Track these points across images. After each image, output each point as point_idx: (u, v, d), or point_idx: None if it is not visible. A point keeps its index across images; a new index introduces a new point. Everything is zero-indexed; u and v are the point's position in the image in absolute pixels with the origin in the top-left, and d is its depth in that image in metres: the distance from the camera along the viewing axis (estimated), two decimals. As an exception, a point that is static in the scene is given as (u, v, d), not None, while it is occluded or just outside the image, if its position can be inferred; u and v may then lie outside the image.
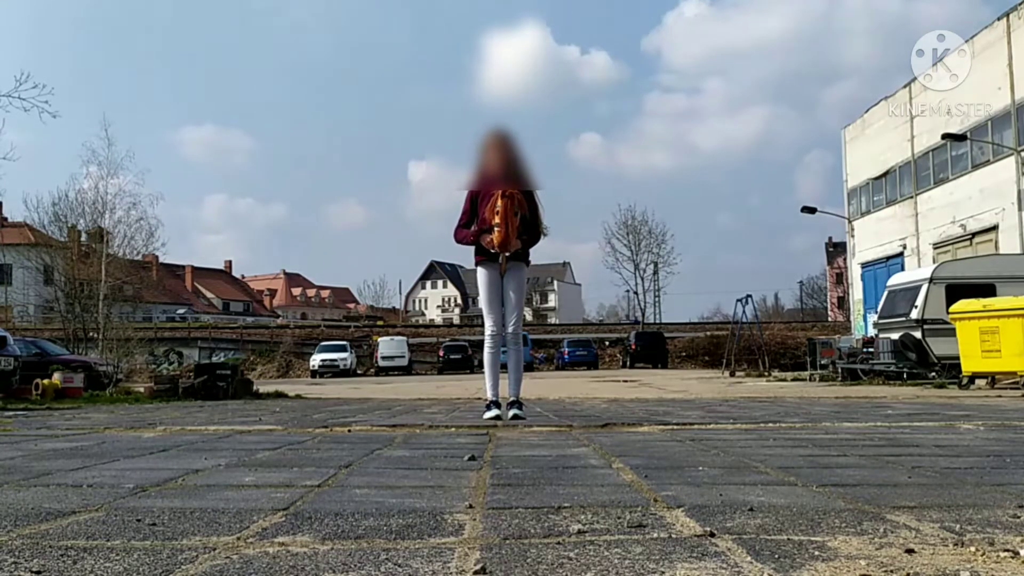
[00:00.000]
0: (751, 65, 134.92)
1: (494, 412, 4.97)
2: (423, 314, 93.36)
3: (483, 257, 4.99)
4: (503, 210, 4.74)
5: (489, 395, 5.12)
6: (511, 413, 4.96)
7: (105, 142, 21.19)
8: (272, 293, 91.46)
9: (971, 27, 22.04)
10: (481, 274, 5.04)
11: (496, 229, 4.74)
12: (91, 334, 20.82)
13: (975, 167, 22.58)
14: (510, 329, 5.02)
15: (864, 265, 28.93)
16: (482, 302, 5.12)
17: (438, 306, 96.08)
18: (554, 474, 2.53)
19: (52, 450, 3.47)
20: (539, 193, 5.07)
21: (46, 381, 10.99)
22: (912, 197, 25.82)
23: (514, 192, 4.80)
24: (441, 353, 36.73)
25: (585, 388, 13.82)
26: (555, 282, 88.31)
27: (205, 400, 9.90)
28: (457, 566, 1.38)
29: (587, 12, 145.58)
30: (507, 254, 4.86)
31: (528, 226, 4.93)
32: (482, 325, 5.21)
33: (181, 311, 61.00)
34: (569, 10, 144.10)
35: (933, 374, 13.93)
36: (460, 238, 5.04)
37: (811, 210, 29.10)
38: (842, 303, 58.33)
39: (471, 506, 1.96)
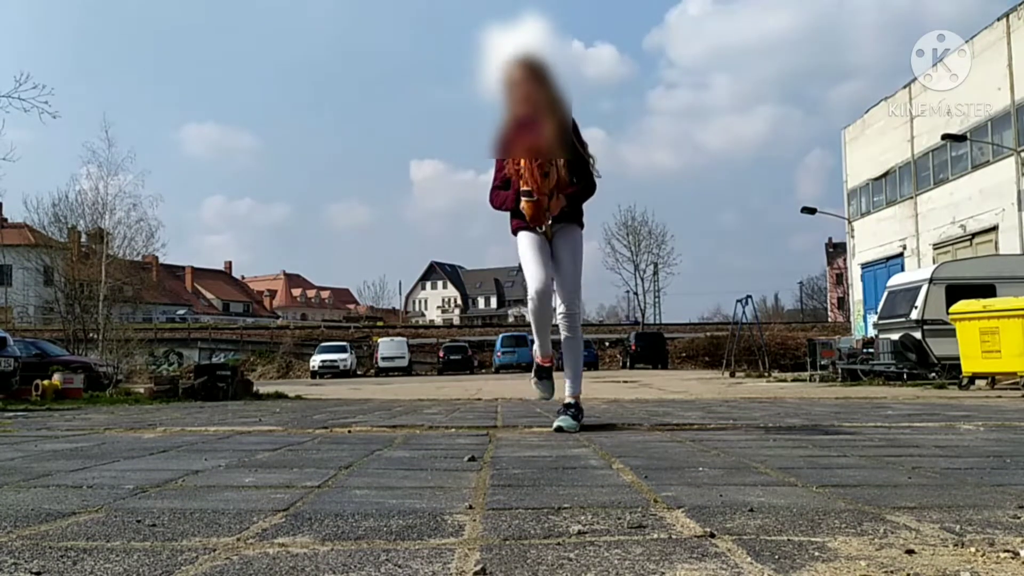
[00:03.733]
0: (757, 63, 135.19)
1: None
2: (423, 315, 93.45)
3: (521, 222, 3.93)
4: (528, 172, 3.74)
5: (538, 355, 4.24)
6: (557, 423, 3.99)
7: (105, 143, 21.33)
8: (272, 294, 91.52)
9: (981, 25, 22.00)
10: (523, 237, 3.95)
11: (524, 200, 3.78)
12: (91, 335, 20.86)
13: (975, 167, 22.60)
14: (563, 309, 3.97)
15: (864, 266, 28.96)
16: (525, 263, 3.96)
17: (438, 307, 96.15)
18: (554, 475, 2.53)
19: (52, 451, 3.47)
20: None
21: (46, 382, 11.01)
22: (912, 197, 25.83)
23: (537, 146, 3.70)
24: (441, 354, 36.82)
25: (585, 389, 13.73)
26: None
27: (205, 401, 9.89)
28: (457, 567, 1.38)
29: (590, 6, 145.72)
30: (549, 222, 3.91)
31: (577, 172, 3.85)
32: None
33: (181, 312, 61.07)
34: (572, 4, 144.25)
35: (933, 375, 13.95)
36: (498, 203, 4.00)
37: (811, 211, 29.14)
38: (842, 304, 58.33)
39: (471, 507, 1.95)
